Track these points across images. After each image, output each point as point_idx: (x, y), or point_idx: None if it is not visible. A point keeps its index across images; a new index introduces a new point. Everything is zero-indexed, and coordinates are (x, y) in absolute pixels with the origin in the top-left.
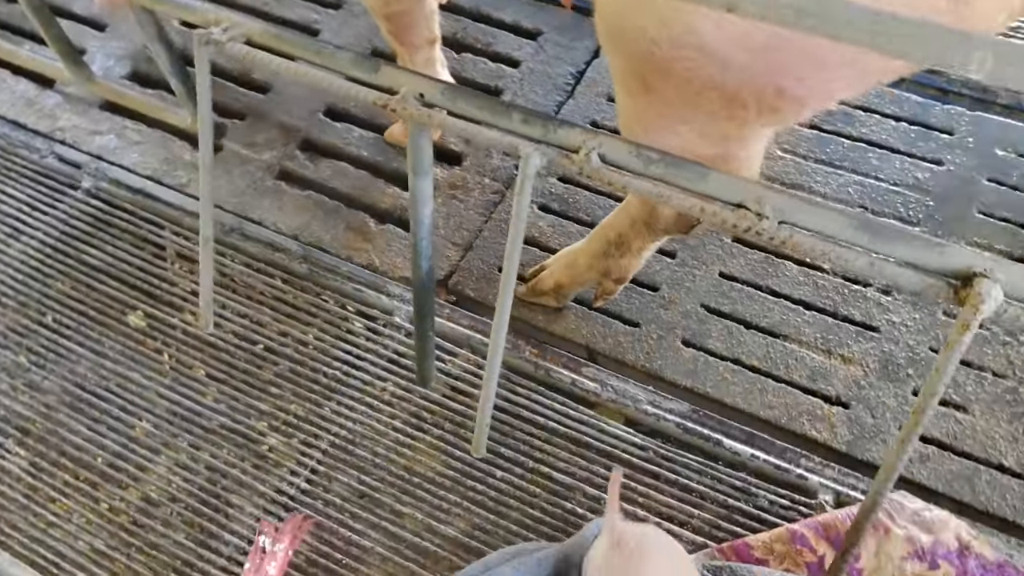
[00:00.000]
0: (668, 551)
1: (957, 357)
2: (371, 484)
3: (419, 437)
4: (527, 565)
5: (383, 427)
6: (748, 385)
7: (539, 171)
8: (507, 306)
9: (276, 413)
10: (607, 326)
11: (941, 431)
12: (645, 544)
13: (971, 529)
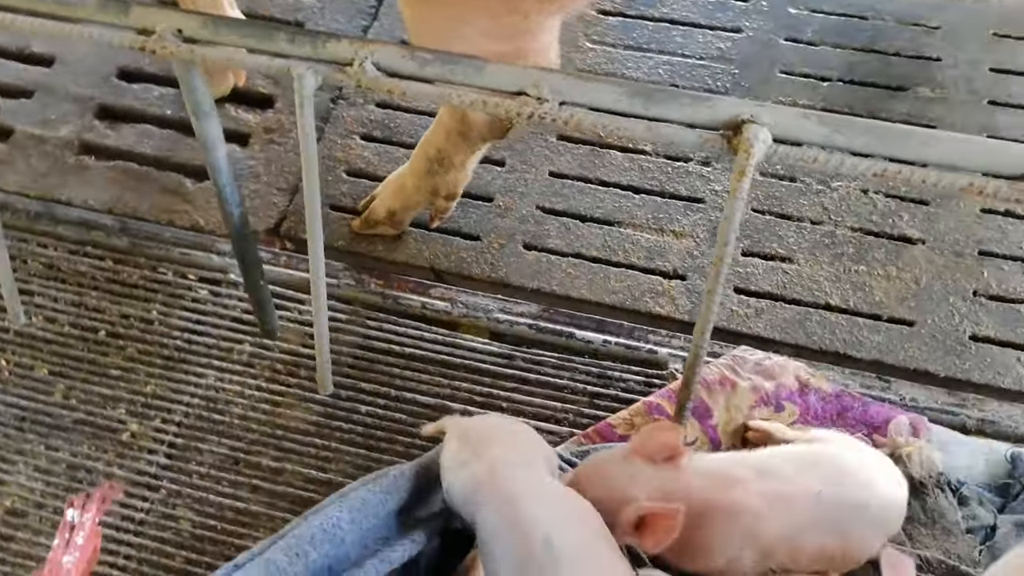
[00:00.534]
0: (511, 434)
1: (741, 204)
2: (242, 447)
3: (281, 391)
4: (383, 484)
5: (244, 388)
6: (591, 276)
7: (320, 88)
8: (318, 235)
9: (132, 397)
10: (448, 244)
11: (771, 284)
12: (487, 432)
13: (808, 368)
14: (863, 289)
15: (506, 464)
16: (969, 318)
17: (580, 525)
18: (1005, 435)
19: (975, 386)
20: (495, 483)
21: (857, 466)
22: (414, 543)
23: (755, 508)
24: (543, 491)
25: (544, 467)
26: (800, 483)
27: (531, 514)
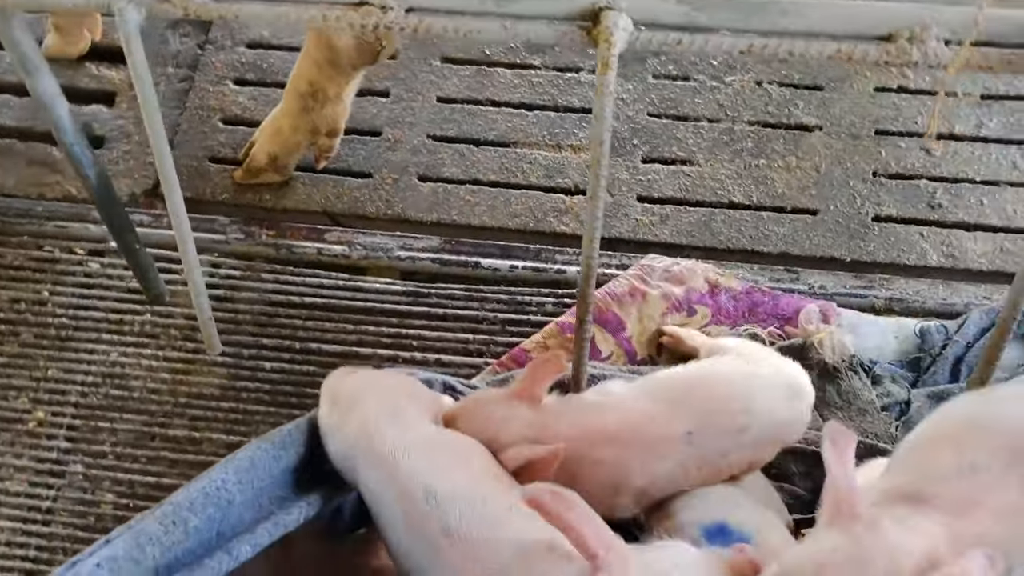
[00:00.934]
0: (381, 388)
1: (610, 100)
2: (153, 421)
3: (184, 357)
4: (274, 440)
5: (144, 359)
6: (491, 201)
7: (144, 24)
8: (173, 185)
9: (34, 385)
10: (339, 185)
11: (674, 188)
12: (356, 390)
13: (717, 269)
14: (765, 183)
15: (377, 421)
16: (870, 200)
17: (462, 467)
18: (913, 311)
19: (881, 266)
20: (368, 443)
21: (736, 391)
22: (310, 505)
23: (622, 462)
24: (418, 442)
25: (420, 416)
26: (669, 427)
27: (408, 469)
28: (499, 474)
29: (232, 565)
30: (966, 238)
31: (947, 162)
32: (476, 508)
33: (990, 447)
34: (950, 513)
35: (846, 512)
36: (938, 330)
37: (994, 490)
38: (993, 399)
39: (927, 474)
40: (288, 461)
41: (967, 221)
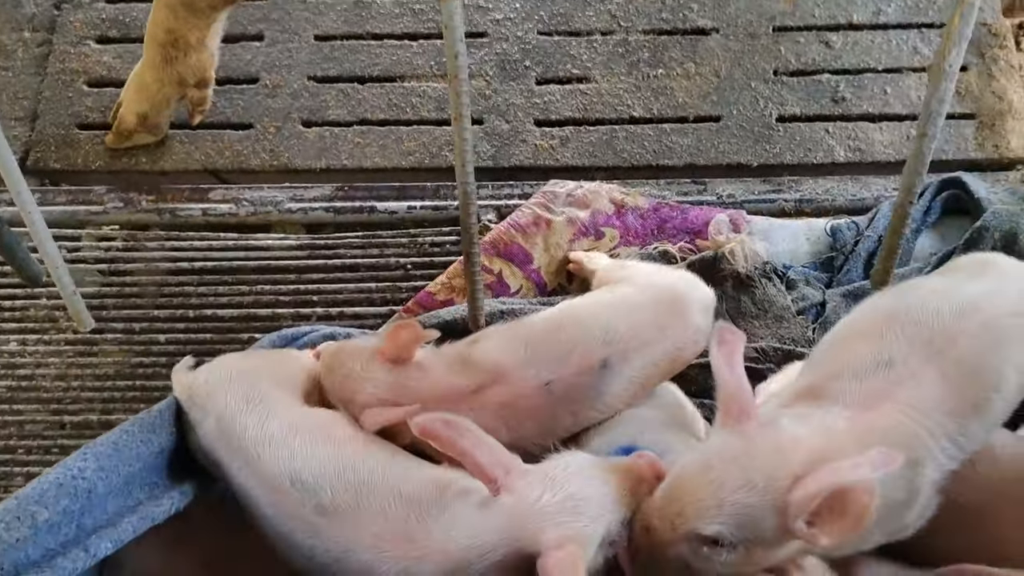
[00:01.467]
0: (238, 376)
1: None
2: (66, 408)
3: (86, 338)
4: (142, 423)
5: (48, 346)
6: (382, 141)
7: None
8: None
9: None
10: (219, 139)
11: (571, 108)
12: (211, 384)
13: (622, 188)
14: (665, 94)
15: (234, 416)
16: (773, 100)
17: (325, 443)
18: (824, 210)
19: (788, 168)
20: (227, 439)
21: (592, 326)
22: (183, 495)
23: (482, 424)
24: (278, 429)
25: (283, 398)
26: (528, 380)
27: (271, 459)
28: (370, 438)
29: (90, 562)
30: (872, 130)
31: (847, 53)
32: (346, 478)
33: (908, 341)
34: (857, 408)
35: (735, 412)
36: (848, 227)
37: (907, 384)
38: (912, 293)
39: (839, 371)
40: (159, 443)
41: (872, 112)
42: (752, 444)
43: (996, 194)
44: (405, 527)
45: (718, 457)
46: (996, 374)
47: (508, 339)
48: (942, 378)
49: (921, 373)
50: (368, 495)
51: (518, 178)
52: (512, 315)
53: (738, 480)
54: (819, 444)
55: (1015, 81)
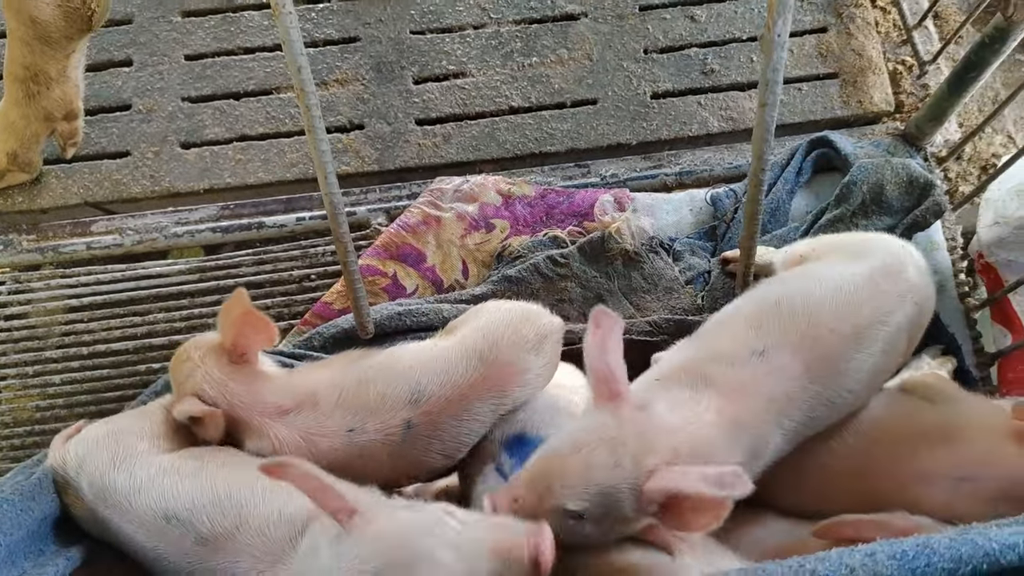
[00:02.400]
0: (103, 438)
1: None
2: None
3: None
4: (21, 490)
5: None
6: (264, 155)
7: None
8: None
9: None
10: (96, 170)
11: (451, 105)
12: (80, 449)
13: (507, 179)
14: (541, 81)
15: (103, 474)
16: (645, 78)
17: (197, 476)
18: (703, 181)
19: (667, 143)
20: (103, 500)
21: (413, 391)
22: (69, 560)
23: (289, 448)
24: (146, 475)
25: (149, 447)
26: (333, 423)
27: (144, 504)
28: (232, 454)
29: None
30: (742, 98)
31: (713, 26)
32: (220, 506)
33: (783, 331)
34: (727, 398)
35: (605, 394)
36: (727, 195)
37: (774, 377)
38: (799, 283)
39: (718, 355)
40: (40, 511)
41: (741, 81)
42: (622, 427)
43: (862, 148)
44: (280, 548)
45: (588, 436)
46: (855, 376)
47: (333, 377)
48: (805, 371)
49: (789, 367)
50: (241, 520)
51: (405, 179)
52: (409, 316)
53: (606, 461)
54: (687, 434)
55: (873, 37)
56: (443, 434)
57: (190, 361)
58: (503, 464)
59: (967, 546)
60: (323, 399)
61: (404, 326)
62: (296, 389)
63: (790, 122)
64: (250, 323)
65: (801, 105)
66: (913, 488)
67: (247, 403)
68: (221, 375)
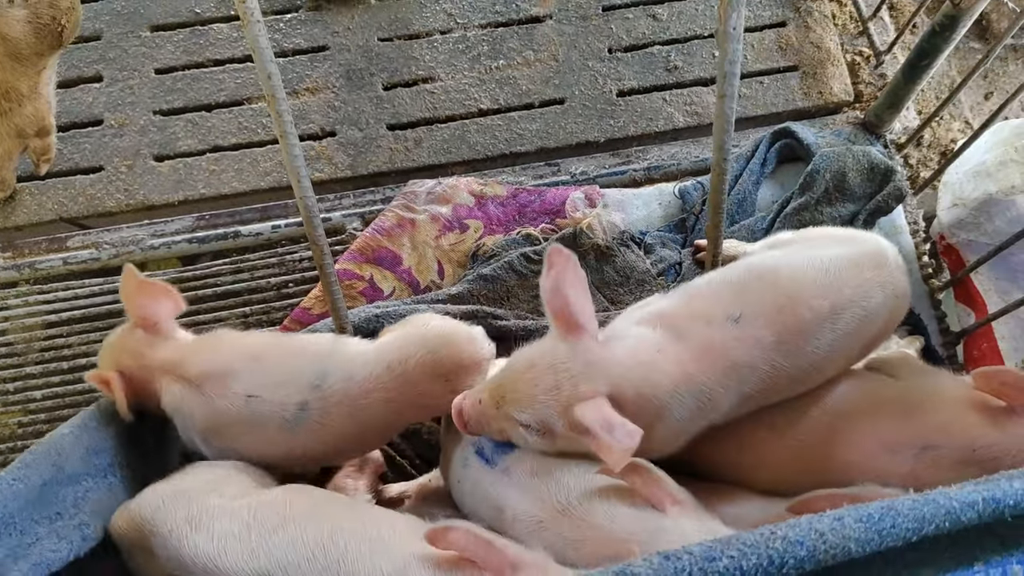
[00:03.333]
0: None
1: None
2: None
3: None
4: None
5: None
6: (237, 165)
7: None
8: None
9: None
10: (70, 186)
11: (422, 110)
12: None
13: (479, 180)
14: (509, 83)
15: (180, 538)
16: (611, 77)
17: (285, 528)
18: (671, 175)
19: (634, 139)
20: (184, 568)
21: (319, 375)
22: (85, 540)
23: (189, 405)
24: (228, 531)
25: (223, 502)
26: (235, 386)
27: (232, 565)
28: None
29: None
30: (706, 93)
31: (675, 24)
32: (317, 562)
33: (761, 302)
34: (692, 353)
35: (564, 328)
36: (695, 187)
37: (744, 346)
38: (789, 259)
39: (697, 312)
40: (40, 477)
41: (704, 77)
42: (574, 355)
43: (824, 137)
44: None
45: (541, 359)
46: (823, 354)
47: (246, 344)
48: (776, 344)
49: (760, 337)
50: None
51: (378, 183)
52: (387, 318)
53: (548, 383)
54: (636, 373)
55: (830, 29)
56: (335, 428)
57: (107, 343)
58: (483, 447)
59: (929, 506)
60: (232, 363)
61: (382, 328)
62: (205, 352)
63: (753, 115)
64: (144, 292)
65: (763, 98)
66: (879, 458)
67: (158, 366)
68: (134, 344)
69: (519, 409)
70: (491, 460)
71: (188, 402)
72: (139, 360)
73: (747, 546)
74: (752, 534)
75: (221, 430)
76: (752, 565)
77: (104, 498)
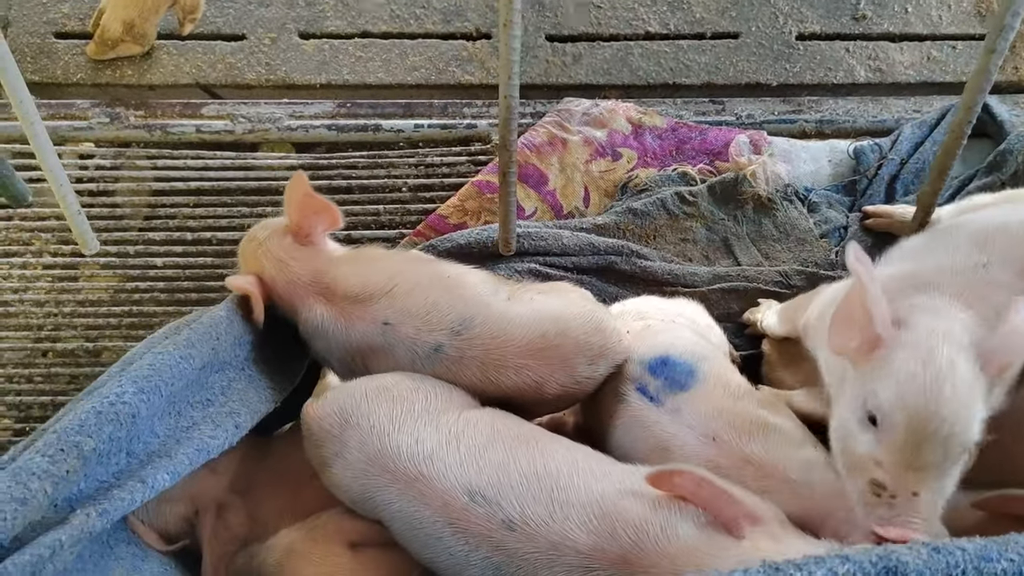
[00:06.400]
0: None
1: None
2: (46, 335)
3: (69, 262)
4: (176, 342)
5: (25, 270)
6: (386, 55)
7: None
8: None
9: None
10: (211, 51)
11: (584, 23)
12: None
13: (639, 107)
14: (682, 8)
15: (381, 437)
16: (793, 17)
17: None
18: (845, 132)
19: (808, 88)
20: (382, 468)
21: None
22: (238, 428)
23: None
24: (437, 445)
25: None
26: (374, 311)
27: (438, 474)
28: (538, 432)
29: (148, 494)
30: (892, 49)
31: None
32: (532, 488)
33: (1009, 254)
34: (962, 301)
35: (878, 329)
36: (872, 149)
37: (994, 289)
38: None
39: (943, 266)
40: (201, 359)
41: (892, 32)
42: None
43: (1018, 116)
44: (619, 547)
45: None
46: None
47: (393, 269)
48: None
49: (1014, 285)
50: (564, 506)
51: (530, 96)
52: (527, 238)
53: None
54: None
55: None
56: (463, 376)
57: (254, 241)
58: (647, 384)
59: None
60: (374, 287)
61: (522, 248)
62: (351, 272)
63: (941, 80)
64: (310, 205)
65: (954, 64)
66: None
67: (303, 281)
68: (283, 254)
69: None
70: (656, 398)
71: (328, 323)
72: (284, 271)
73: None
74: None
75: (357, 354)
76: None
77: (246, 388)
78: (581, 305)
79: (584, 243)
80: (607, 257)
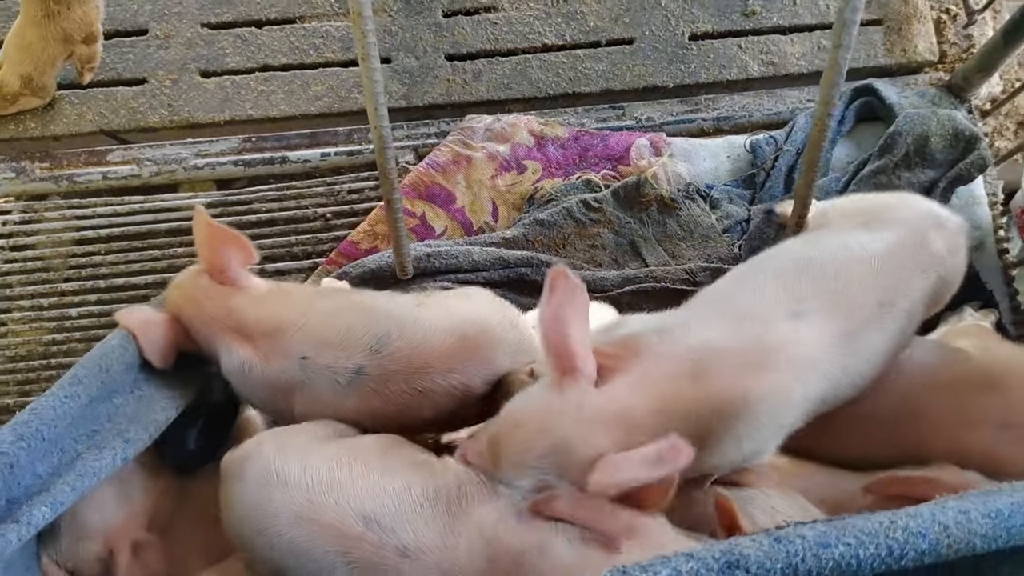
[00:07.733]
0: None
1: None
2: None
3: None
4: (60, 384)
5: None
6: (287, 87)
7: None
8: None
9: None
10: (112, 97)
11: (482, 41)
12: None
13: (540, 119)
14: (576, 19)
15: (269, 465)
16: (684, 18)
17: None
18: (741, 127)
19: (705, 86)
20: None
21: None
22: (128, 443)
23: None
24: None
25: (309, 439)
26: (290, 346)
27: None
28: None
29: (28, 532)
30: (783, 42)
31: None
32: (425, 513)
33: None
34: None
35: (559, 368)
36: (767, 142)
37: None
38: (822, 245)
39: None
40: (88, 394)
41: (783, 24)
42: (564, 411)
43: (907, 98)
44: (503, 572)
45: (529, 417)
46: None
47: (305, 302)
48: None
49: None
50: (457, 528)
51: (433, 116)
52: (438, 257)
53: (541, 447)
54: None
55: None
56: (389, 393)
57: (173, 284)
58: None
59: None
60: (287, 322)
61: (433, 268)
62: (263, 309)
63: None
64: (218, 237)
65: None
66: (956, 434)
67: (218, 319)
68: (198, 293)
69: (513, 475)
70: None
71: (246, 362)
72: (200, 310)
73: (865, 534)
74: (869, 522)
75: (278, 392)
76: (869, 554)
77: (136, 407)
78: (493, 304)
79: (494, 258)
80: (517, 270)
